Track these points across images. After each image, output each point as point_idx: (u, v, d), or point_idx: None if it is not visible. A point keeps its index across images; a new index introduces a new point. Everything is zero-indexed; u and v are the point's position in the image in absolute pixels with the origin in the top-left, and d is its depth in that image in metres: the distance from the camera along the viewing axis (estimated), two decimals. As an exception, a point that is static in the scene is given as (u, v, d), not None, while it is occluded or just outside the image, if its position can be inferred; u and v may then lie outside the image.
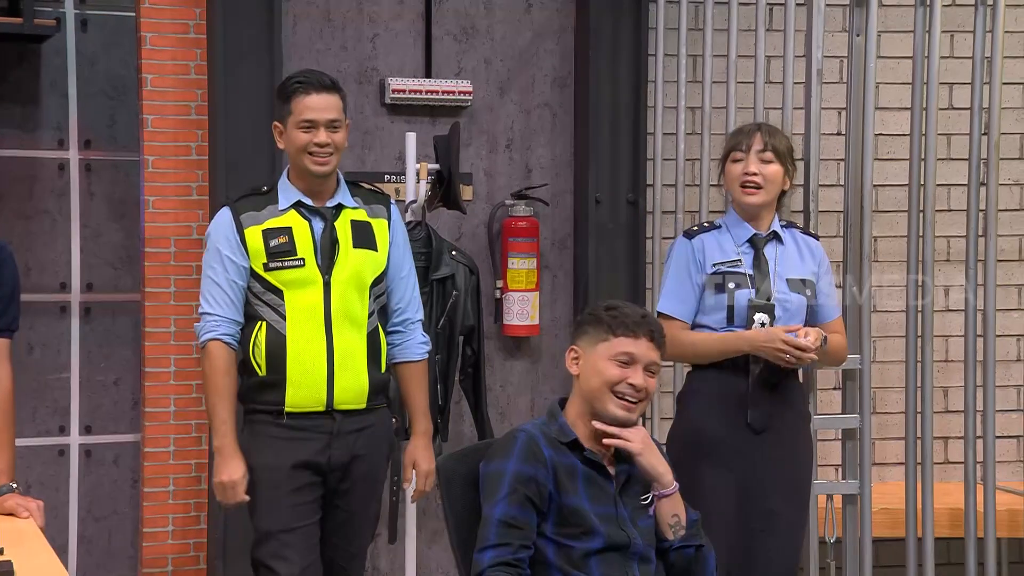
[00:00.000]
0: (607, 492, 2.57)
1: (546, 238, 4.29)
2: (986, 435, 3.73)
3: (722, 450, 3.16)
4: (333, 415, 3.11)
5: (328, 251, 3.11)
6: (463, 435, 4.20)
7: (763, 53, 3.89)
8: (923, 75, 3.72)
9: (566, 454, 2.57)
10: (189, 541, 4.09)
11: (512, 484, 2.51)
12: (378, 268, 3.18)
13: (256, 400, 3.12)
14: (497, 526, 2.49)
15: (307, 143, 3.08)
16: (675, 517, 2.58)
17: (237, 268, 3.12)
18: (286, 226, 3.10)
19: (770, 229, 3.30)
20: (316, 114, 3.08)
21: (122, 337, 4.24)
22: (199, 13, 4.06)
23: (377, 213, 3.21)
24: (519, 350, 4.32)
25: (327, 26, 4.17)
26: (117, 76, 4.23)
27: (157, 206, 4.05)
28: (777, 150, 3.28)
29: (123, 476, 4.25)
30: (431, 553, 4.25)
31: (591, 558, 2.51)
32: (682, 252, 3.31)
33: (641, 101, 4.23)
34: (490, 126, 4.29)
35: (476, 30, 4.26)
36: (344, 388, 3.11)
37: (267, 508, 3.10)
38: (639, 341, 2.59)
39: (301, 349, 3.08)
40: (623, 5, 4.21)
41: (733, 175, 3.29)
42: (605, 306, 2.66)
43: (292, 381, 3.08)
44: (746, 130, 3.34)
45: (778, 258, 3.28)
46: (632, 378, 2.56)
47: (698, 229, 3.35)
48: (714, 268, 3.25)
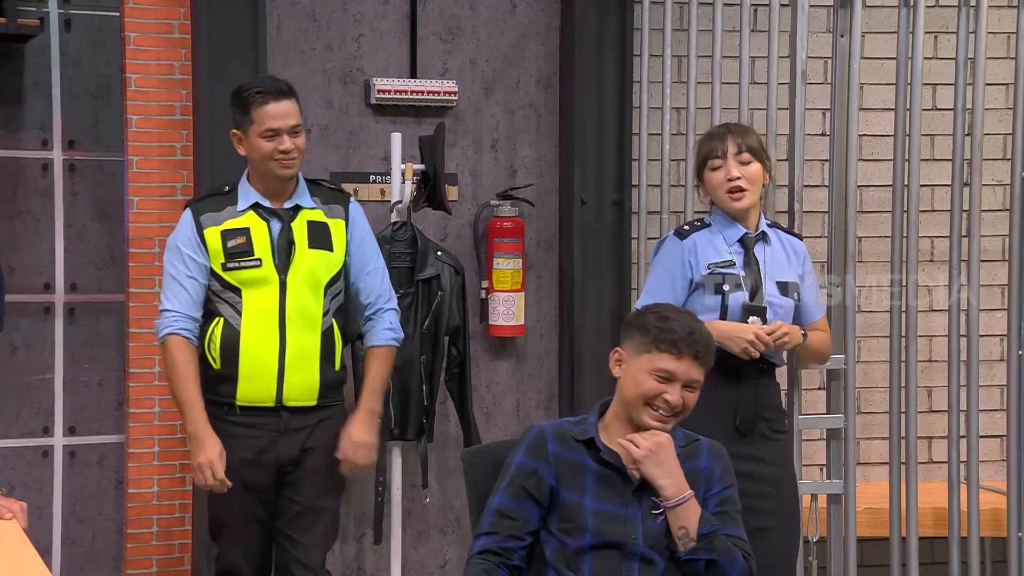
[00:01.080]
0: (622, 491, 2.54)
1: (531, 238, 4.30)
2: (970, 435, 3.74)
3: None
4: (281, 412, 3.21)
5: (285, 252, 3.21)
6: (448, 436, 4.19)
7: (748, 54, 3.90)
8: (907, 76, 3.74)
9: (578, 451, 2.56)
10: (174, 542, 4.08)
11: (513, 476, 2.54)
12: (333, 268, 3.27)
13: (211, 392, 3.25)
14: (492, 515, 2.54)
15: (272, 151, 3.18)
16: (682, 529, 2.51)
17: (198, 266, 3.23)
18: (244, 227, 3.21)
19: (759, 229, 3.31)
20: (279, 122, 3.18)
21: (106, 338, 4.23)
22: (183, 13, 4.04)
23: (335, 213, 3.29)
24: (504, 350, 4.32)
25: (312, 26, 4.16)
26: (101, 76, 4.21)
27: (141, 206, 4.04)
28: (752, 148, 3.28)
29: (107, 477, 4.23)
30: (416, 554, 4.25)
31: (584, 556, 2.50)
32: (672, 251, 3.29)
33: (626, 101, 4.23)
34: (475, 126, 4.29)
35: (461, 30, 4.26)
36: (294, 385, 3.21)
37: (216, 500, 3.26)
38: (682, 360, 2.53)
39: (254, 345, 3.19)
40: (608, 6, 4.21)
41: (715, 182, 3.29)
42: (656, 313, 2.58)
43: (244, 375, 3.19)
44: (717, 135, 3.33)
45: (767, 259, 3.29)
46: (669, 395, 2.53)
47: (689, 228, 3.33)
48: (710, 268, 3.25)
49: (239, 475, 3.22)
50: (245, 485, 3.23)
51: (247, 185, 3.27)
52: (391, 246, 3.88)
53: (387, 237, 3.89)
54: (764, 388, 3.27)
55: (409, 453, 4.02)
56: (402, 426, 3.90)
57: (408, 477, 4.06)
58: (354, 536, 4.20)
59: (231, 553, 3.29)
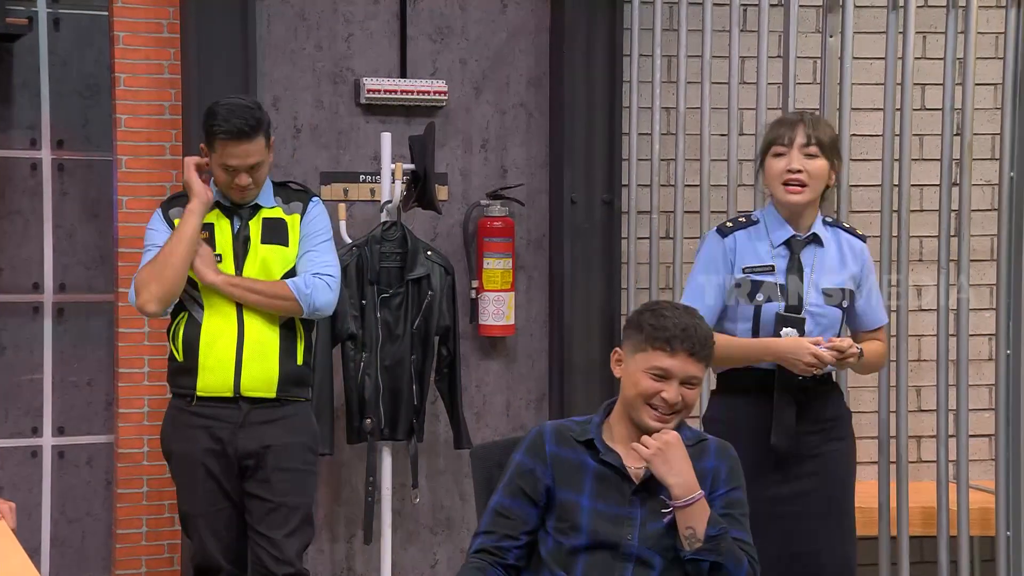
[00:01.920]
0: (621, 492, 2.53)
1: (521, 238, 4.30)
2: (959, 434, 3.75)
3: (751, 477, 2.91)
4: (240, 403, 3.28)
5: (241, 248, 3.31)
6: (439, 435, 4.19)
7: (737, 54, 3.91)
8: (896, 76, 3.74)
9: (577, 451, 2.55)
10: (163, 543, 4.08)
11: (512, 475, 2.55)
12: (288, 263, 3.34)
13: (174, 384, 3.35)
14: (490, 514, 2.55)
15: (229, 183, 3.29)
16: (690, 529, 2.49)
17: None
18: (208, 223, 3.32)
19: (810, 231, 3.10)
20: (237, 161, 3.26)
21: (95, 337, 4.22)
22: (172, 12, 4.04)
23: (293, 210, 3.38)
24: (495, 350, 4.31)
25: (301, 25, 4.15)
26: (90, 75, 4.21)
27: (131, 206, 4.03)
28: (822, 143, 3.05)
29: (96, 477, 4.23)
30: (407, 554, 4.25)
31: (578, 556, 2.50)
32: (714, 249, 3.11)
33: (616, 101, 4.23)
34: (465, 126, 4.28)
35: (451, 30, 4.26)
36: (252, 376, 3.27)
37: (185, 492, 3.36)
38: (676, 356, 2.51)
39: (213, 336, 3.27)
40: (598, 5, 4.22)
41: (774, 171, 3.06)
42: (653, 311, 2.56)
43: (203, 366, 3.27)
44: (787, 122, 3.10)
45: (815, 264, 3.08)
46: (666, 392, 2.51)
47: (733, 226, 3.13)
48: (745, 273, 3.07)
49: (202, 464, 3.29)
50: (209, 474, 3.30)
51: (212, 185, 3.36)
52: (381, 246, 3.88)
53: (377, 237, 3.90)
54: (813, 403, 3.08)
55: (399, 453, 4.02)
56: (392, 426, 3.90)
57: (398, 477, 4.06)
58: (344, 536, 4.20)
59: (204, 546, 3.33)
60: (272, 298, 3.28)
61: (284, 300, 3.28)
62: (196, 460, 3.29)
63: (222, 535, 3.33)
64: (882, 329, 3.24)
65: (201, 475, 3.30)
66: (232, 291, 3.27)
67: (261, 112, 3.30)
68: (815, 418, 3.11)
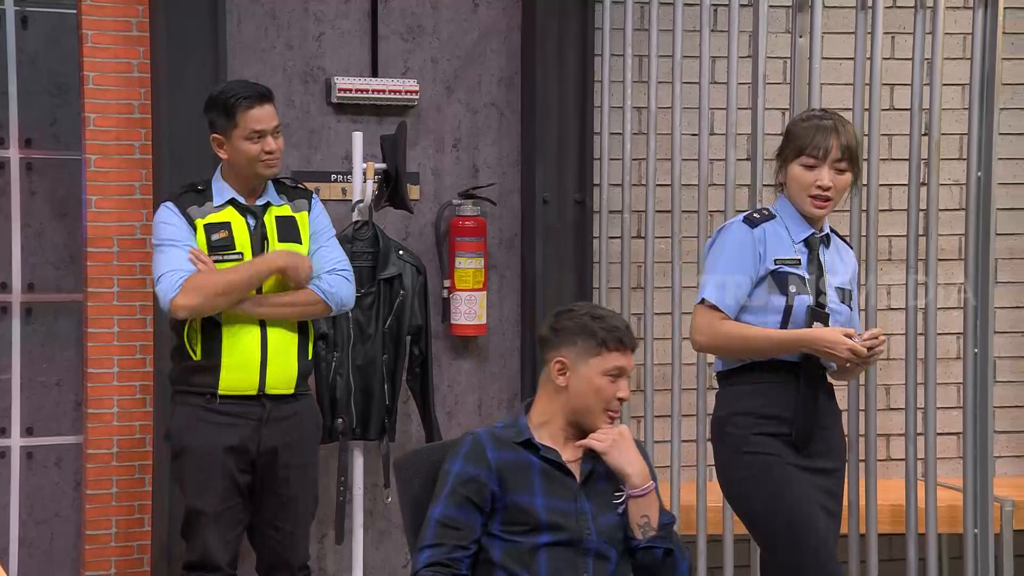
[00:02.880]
0: (568, 487, 2.57)
1: (493, 237, 4.30)
2: (927, 432, 3.78)
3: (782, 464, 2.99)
4: (263, 401, 3.31)
5: (259, 246, 3.33)
6: (411, 435, 4.20)
7: (708, 54, 3.93)
8: (865, 76, 3.77)
9: (518, 452, 2.58)
10: (132, 544, 4.06)
11: (454, 485, 2.54)
12: None
13: (189, 383, 3.33)
14: (435, 526, 2.53)
15: (259, 152, 3.30)
16: (644, 517, 2.56)
17: (190, 242, 3.30)
18: (225, 221, 3.33)
19: (823, 230, 3.07)
20: (264, 124, 3.31)
21: (64, 338, 4.20)
22: (141, 11, 4.02)
23: (300, 207, 3.43)
24: (467, 350, 4.32)
25: (272, 24, 4.14)
26: (58, 74, 4.18)
27: (100, 205, 4.02)
28: (852, 156, 3.00)
29: (65, 478, 4.20)
30: (378, 553, 4.25)
31: (539, 552, 2.52)
32: (743, 240, 3.01)
33: (588, 101, 4.25)
34: (437, 125, 4.28)
35: (423, 29, 4.26)
36: (275, 374, 3.31)
37: (196, 488, 3.32)
38: (626, 353, 2.60)
39: (235, 336, 3.28)
40: (569, 5, 4.23)
41: (803, 182, 2.99)
42: (588, 313, 2.61)
43: (227, 365, 3.27)
44: (823, 129, 3.00)
45: (828, 263, 3.06)
46: (621, 391, 2.59)
47: (760, 218, 3.05)
48: (776, 265, 3.00)
49: (221, 461, 3.29)
50: (226, 471, 3.30)
51: (222, 182, 3.37)
52: (352, 245, 3.88)
53: (348, 236, 3.89)
54: (825, 392, 3.07)
55: (371, 453, 4.03)
56: (364, 426, 3.90)
57: (370, 477, 4.06)
58: (315, 536, 4.19)
59: (205, 544, 3.32)
60: (304, 306, 3.34)
61: (314, 305, 3.35)
62: (215, 457, 3.29)
63: (227, 533, 3.33)
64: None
65: (218, 472, 3.30)
66: (265, 311, 3.30)
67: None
68: (830, 411, 3.09)
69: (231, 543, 3.35)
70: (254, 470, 3.34)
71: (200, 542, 3.33)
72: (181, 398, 3.37)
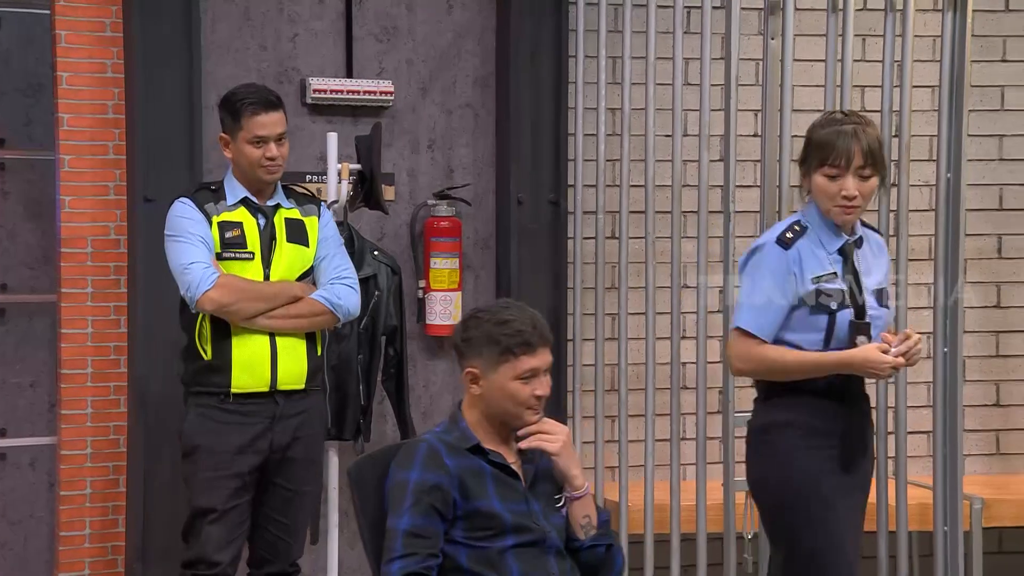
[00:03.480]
0: (517, 490, 2.60)
1: (468, 238, 4.32)
2: (897, 431, 3.81)
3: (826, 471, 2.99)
4: (276, 398, 3.37)
5: (268, 245, 3.40)
6: (386, 435, 4.21)
7: (681, 55, 3.95)
8: (836, 78, 3.79)
9: (470, 458, 2.59)
10: (107, 544, 4.06)
11: (416, 494, 2.52)
12: (307, 262, 3.47)
13: (201, 383, 3.38)
14: (403, 536, 2.51)
15: (260, 158, 3.38)
16: (586, 518, 2.62)
17: (209, 240, 3.36)
18: (237, 220, 3.40)
19: (855, 234, 3.03)
20: (267, 131, 3.38)
21: (38, 338, 4.21)
22: (115, 11, 4.02)
23: (309, 212, 3.51)
24: (441, 350, 4.33)
25: (246, 25, 4.15)
26: (32, 74, 4.19)
27: (73, 206, 4.02)
28: (876, 160, 2.95)
29: (40, 479, 4.21)
30: (353, 553, 4.25)
31: (507, 554, 2.54)
32: (777, 264, 2.95)
33: (562, 102, 4.27)
34: (412, 126, 4.30)
35: (397, 30, 4.28)
36: (286, 370, 3.38)
37: (204, 487, 3.35)
38: (537, 353, 2.58)
39: (245, 335, 3.34)
40: (544, 7, 4.25)
41: (828, 192, 2.94)
42: (491, 320, 2.58)
43: (238, 363, 3.34)
44: (844, 134, 2.94)
45: (863, 267, 3.01)
46: (538, 389, 2.60)
47: (793, 236, 2.97)
48: (815, 284, 2.95)
49: (233, 459, 3.34)
50: (237, 471, 3.35)
51: (234, 182, 3.44)
52: (327, 246, 3.88)
53: (323, 237, 3.90)
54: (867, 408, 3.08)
55: (346, 453, 4.01)
56: (339, 426, 3.90)
57: (345, 477, 4.02)
58: (291, 536, 4.20)
59: (209, 539, 3.34)
60: (312, 318, 3.41)
61: (323, 316, 3.42)
62: (227, 455, 3.34)
63: (232, 532, 3.37)
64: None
65: (230, 470, 3.34)
66: (276, 324, 3.36)
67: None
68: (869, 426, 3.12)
69: (234, 542, 3.38)
70: (265, 465, 3.39)
71: (202, 540, 3.35)
72: (194, 399, 3.40)
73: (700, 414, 3.92)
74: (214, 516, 3.35)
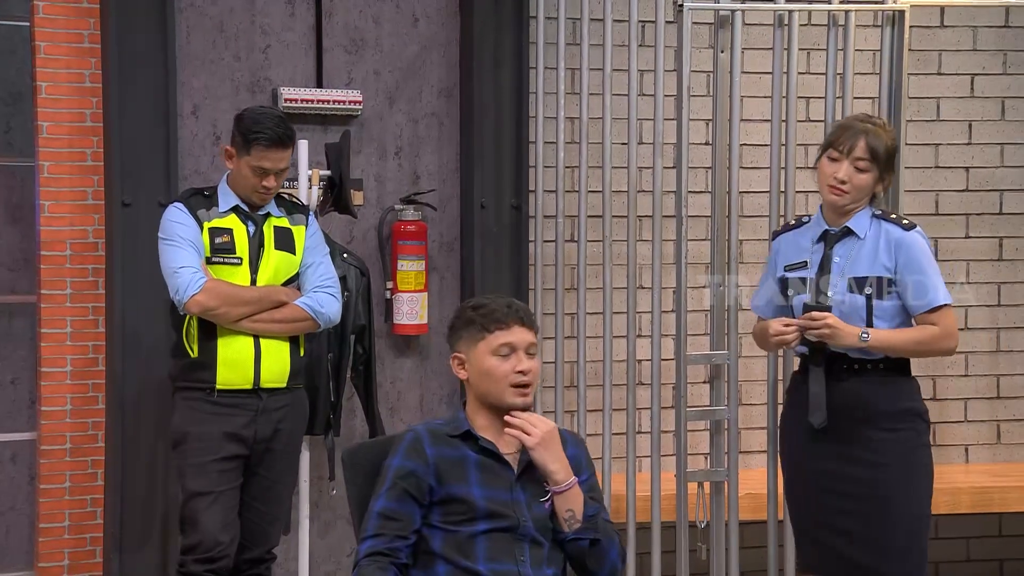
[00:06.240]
0: (504, 478, 2.63)
1: (434, 241, 4.38)
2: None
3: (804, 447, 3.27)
4: (259, 393, 3.48)
5: (256, 252, 3.48)
6: (355, 430, 4.26)
7: (636, 67, 4.03)
8: (782, 89, 3.90)
9: (456, 447, 2.64)
10: (85, 536, 4.10)
11: (393, 479, 2.61)
12: (293, 269, 3.56)
13: (188, 379, 3.48)
14: (376, 518, 2.60)
15: (257, 184, 3.47)
16: (569, 512, 2.63)
17: (199, 246, 3.45)
18: (228, 227, 3.48)
19: (843, 225, 3.22)
20: (271, 165, 3.47)
21: (19, 337, 4.22)
22: (93, 23, 4.04)
23: (297, 221, 3.59)
24: (408, 348, 4.38)
25: (220, 36, 4.19)
26: (12, 83, 4.19)
27: (53, 210, 4.04)
28: (877, 156, 3.16)
29: (20, 473, 4.23)
30: (323, 543, 4.31)
31: (477, 539, 2.59)
32: (770, 252, 3.42)
33: (523, 111, 4.33)
34: (380, 134, 4.35)
35: (365, 42, 4.33)
36: (269, 369, 3.48)
37: (196, 471, 3.45)
38: (512, 329, 2.64)
39: (230, 335, 3.44)
40: (505, 20, 4.30)
41: (825, 174, 3.21)
42: (471, 306, 2.70)
43: (223, 361, 3.44)
44: (851, 129, 3.20)
45: (851, 255, 3.20)
46: (518, 365, 2.64)
47: (781, 229, 3.39)
48: (784, 271, 3.29)
49: (221, 445, 3.45)
50: (225, 455, 3.46)
51: (227, 189, 3.53)
52: (299, 249, 3.95)
53: (295, 240, 3.97)
54: (855, 386, 3.19)
55: (316, 447, 4.06)
56: (310, 421, 3.96)
57: (315, 470, 4.12)
58: (263, 528, 4.27)
59: (207, 525, 3.44)
60: (294, 323, 3.52)
61: (303, 321, 3.53)
62: (215, 441, 3.46)
63: (227, 514, 3.48)
64: (939, 311, 3.19)
65: (218, 455, 3.45)
66: (259, 327, 3.48)
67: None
68: (860, 404, 3.19)
69: (230, 525, 3.47)
70: (249, 457, 3.51)
71: (202, 523, 3.45)
72: (181, 394, 3.52)
73: (655, 409, 3.99)
74: (210, 498, 3.44)
